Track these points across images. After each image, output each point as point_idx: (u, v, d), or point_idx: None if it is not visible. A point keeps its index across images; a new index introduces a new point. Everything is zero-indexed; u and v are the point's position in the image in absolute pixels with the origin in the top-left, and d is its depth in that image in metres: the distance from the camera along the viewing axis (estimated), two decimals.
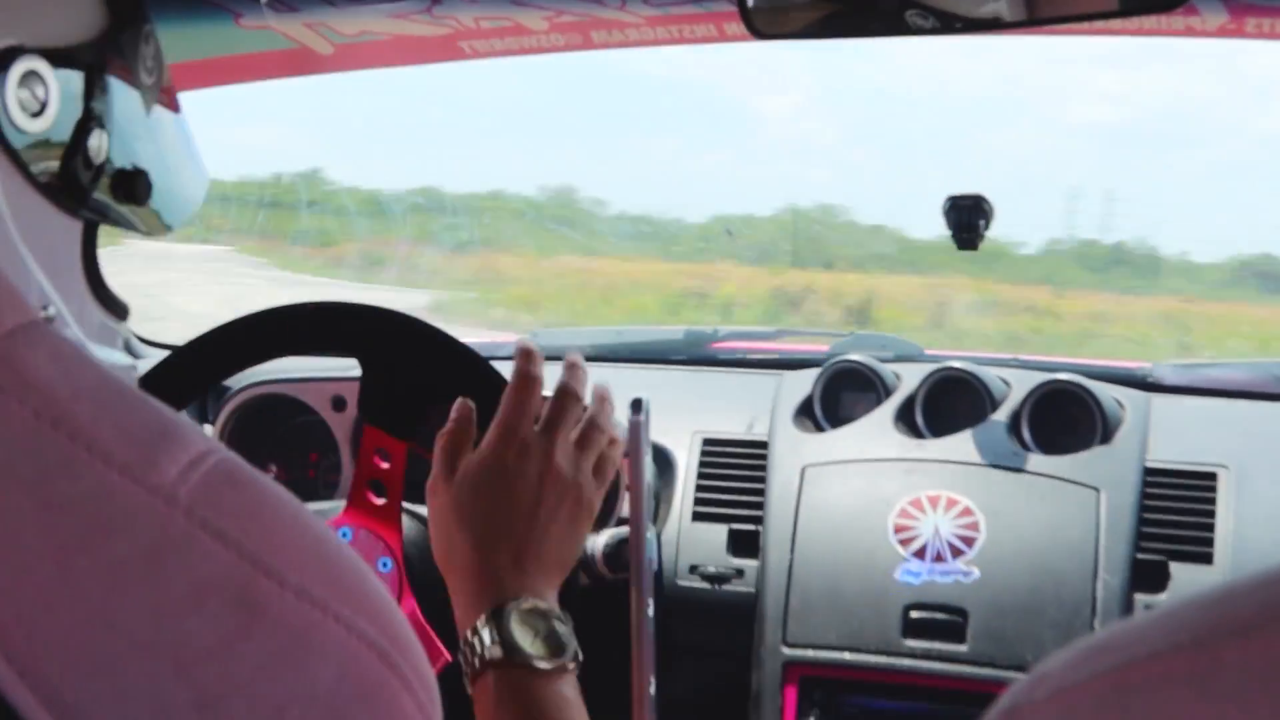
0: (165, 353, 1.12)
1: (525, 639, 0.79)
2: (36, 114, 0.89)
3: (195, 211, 1.16)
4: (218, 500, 0.37)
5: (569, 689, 0.80)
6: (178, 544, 0.36)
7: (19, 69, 0.84)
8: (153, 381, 1.06)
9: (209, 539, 0.36)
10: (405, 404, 1.02)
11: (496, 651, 0.78)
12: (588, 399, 0.94)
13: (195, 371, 1.09)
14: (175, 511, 0.36)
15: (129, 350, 1.90)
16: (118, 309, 1.19)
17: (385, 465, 1.03)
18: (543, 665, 0.79)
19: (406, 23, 1.29)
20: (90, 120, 0.96)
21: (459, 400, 0.94)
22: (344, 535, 1.06)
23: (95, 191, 1.00)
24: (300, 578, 0.37)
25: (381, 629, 0.39)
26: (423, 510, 0.98)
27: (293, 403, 1.64)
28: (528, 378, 0.91)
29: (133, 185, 0.99)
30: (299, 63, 1.41)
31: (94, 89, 0.97)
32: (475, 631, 0.80)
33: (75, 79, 0.96)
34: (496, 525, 0.84)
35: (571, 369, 0.94)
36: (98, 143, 0.97)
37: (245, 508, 0.38)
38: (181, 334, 1.62)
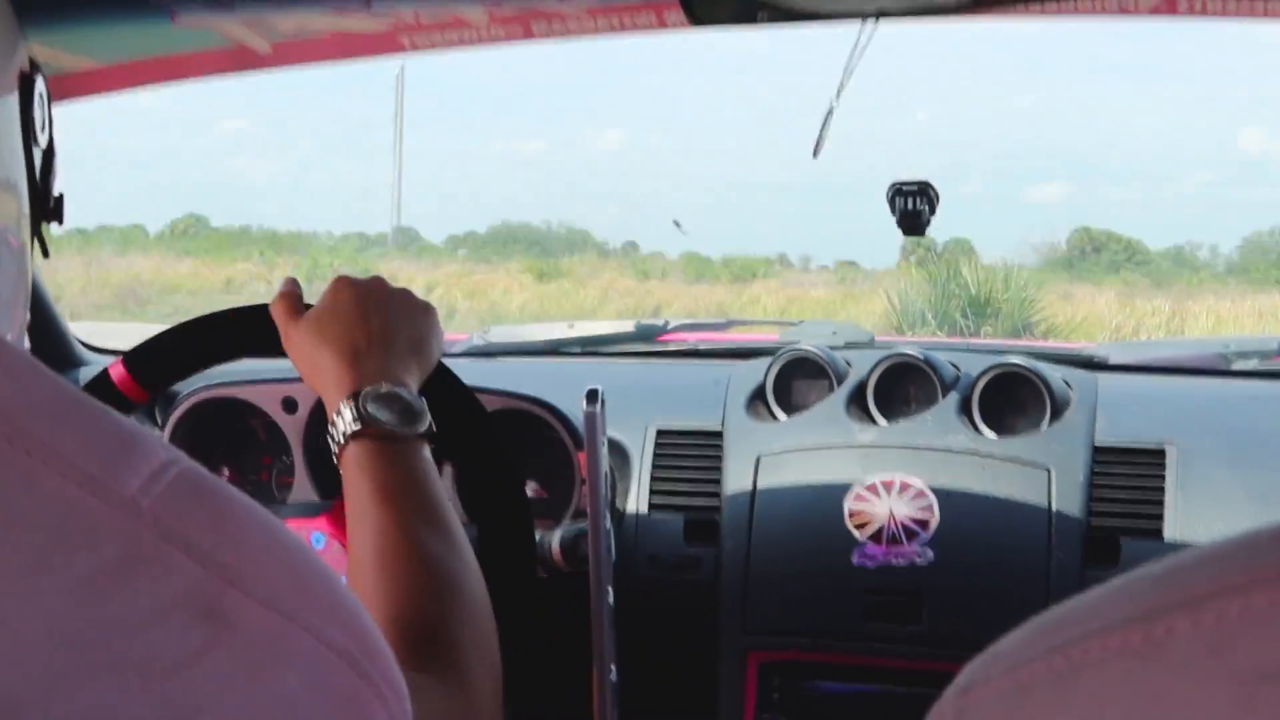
0: (110, 359, 1.10)
1: (381, 413, 0.87)
2: None
3: None
4: (182, 511, 0.36)
5: (426, 459, 0.89)
6: (143, 557, 0.35)
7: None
8: (98, 389, 1.05)
9: (174, 551, 0.35)
10: None
11: (355, 425, 0.86)
12: None
13: (143, 378, 1.07)
14: (139, 524, 0.35)
15: (74, 357, 1.87)
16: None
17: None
18: (398, 431, 0.87)
19: (345, 19, 1.28)
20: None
21: (285, 279, 1.02)
22: (316, 542, 1.05)
23: None
24: (268, 588, 0.37)
25: (352, 637, 0.38)
26: None
27: (243, 406, 1.62)
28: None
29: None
30: (237, 61, 1.39)
31: None
32: (338, 413, 0.88)
33: None
34: (349, 337, 0.93)
35: None
36: None
37: (211, 518, 0.37)
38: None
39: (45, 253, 0.82)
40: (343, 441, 0.87)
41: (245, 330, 1.06)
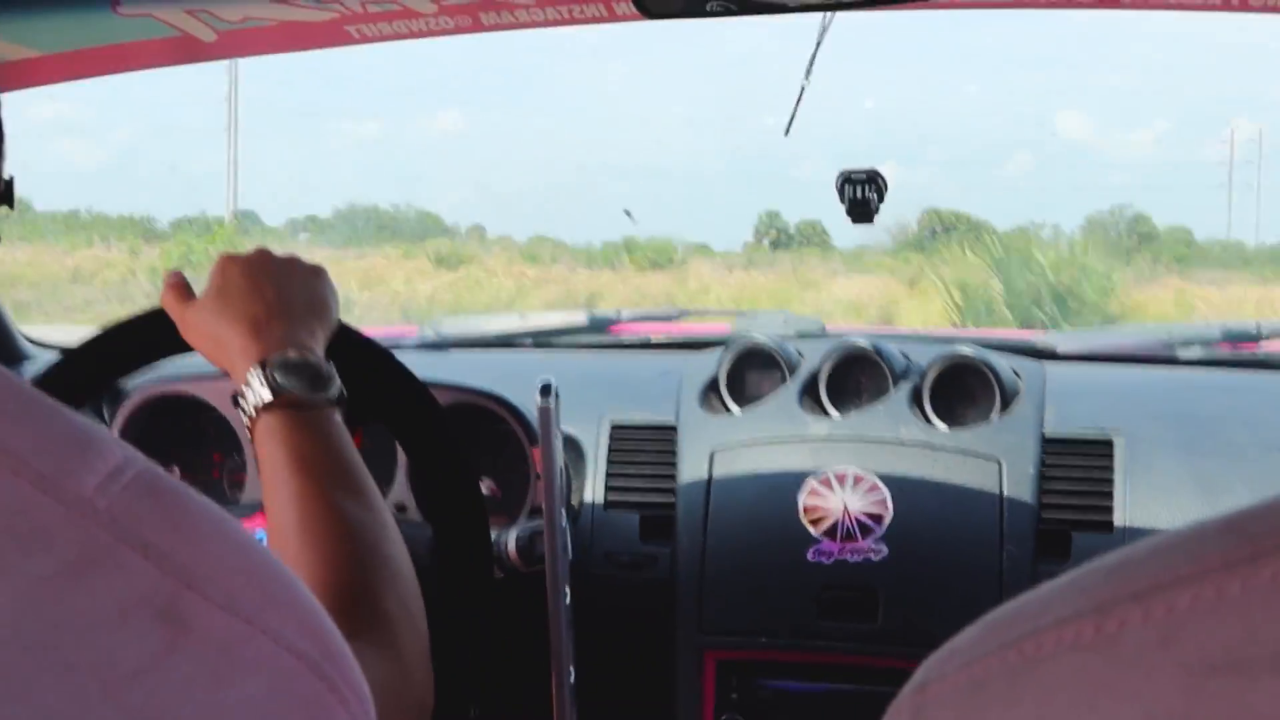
0: (54, 355, 1.08)
1: (290, 380, 0.85)
2: None
3: None
4: (140, 512, 0.36)
5: (339, 426, 0.87)
6: (99, 558, 0.34)
7: None
8: (44, 385, 1.02)
9: (131, 553, 0.35)
10: None
11: (266, 394, 0.85)
12: None
13: (88, 373, 1.05)
14: (95, 525, 0.34)
15: (18, 350, 1.83)
16: None
17: None
18: (309, 398, 0.85)
19: (291, 8, 1.26)
20: None
21: (167, 272, 1.00)
22: (260, 538, 1.04)
23: None
24: (227, 591, 0.36)
25: (313, 640, 0.38)
26: None
27: (192, 402, 1.60)
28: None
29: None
30: (181, 51, 1.37)
31: None
32: (247, 383, 0.86)
33: None
34: (247, 305, 0.91)
35: None
36: None
37: (168, 519, 0.36)
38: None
39: None
40: (254, 414, 0.86)
41: (146, 337, 1.02)
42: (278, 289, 0.93)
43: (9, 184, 0.85)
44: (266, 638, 0.36)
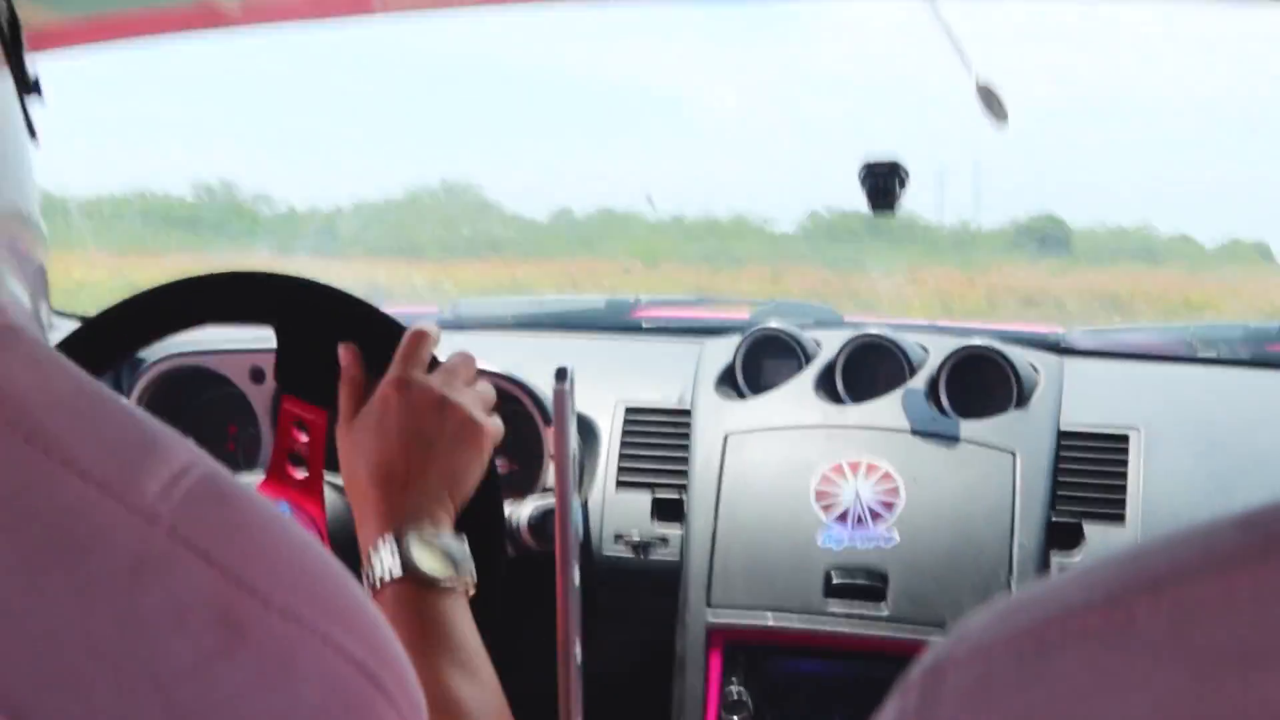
0: (75, 324, 1.08)
1: (424, 558, 0.83)
2: None
3: None
4: (201, 518, 0.36)
5: (463, 607, 0.85)
6: (158, 562, 0.34)
7: None
8: (64, 354, 1.02)
9: (191, 557, 0.35)
10: (322, 371, 1.00)
11: (397, 569, 0.83)
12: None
13: (108, 343, 1.05)
14: (156, 530, 0.35)
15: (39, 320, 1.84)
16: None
17: (304, 439, 1.01)
18: (441, 583, 0.83)
19: None
20: None
21: (342, 348, 0.97)
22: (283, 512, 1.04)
23: None
24: (285, 597, 0.36)
25: (367, 646, 0.38)
26: (337, 479, 0.96)
27: (210, 375, 1.61)
28: (420, 331, 0.96)
29: None
30: (204, 20, 1.37)
31: None
32: (376, 549, 0.84)
33: None
34: (394, 457, 0.88)
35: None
36: None
37: (229, 525, 0.37)
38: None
39: (33, 132, 0.76)
40: (378, 585, 0.84)
41: (167, 308, 1.01)
42: (445, 449, 0.89)
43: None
44: (323, 643, 0.36)
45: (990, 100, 1.26)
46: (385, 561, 0.83)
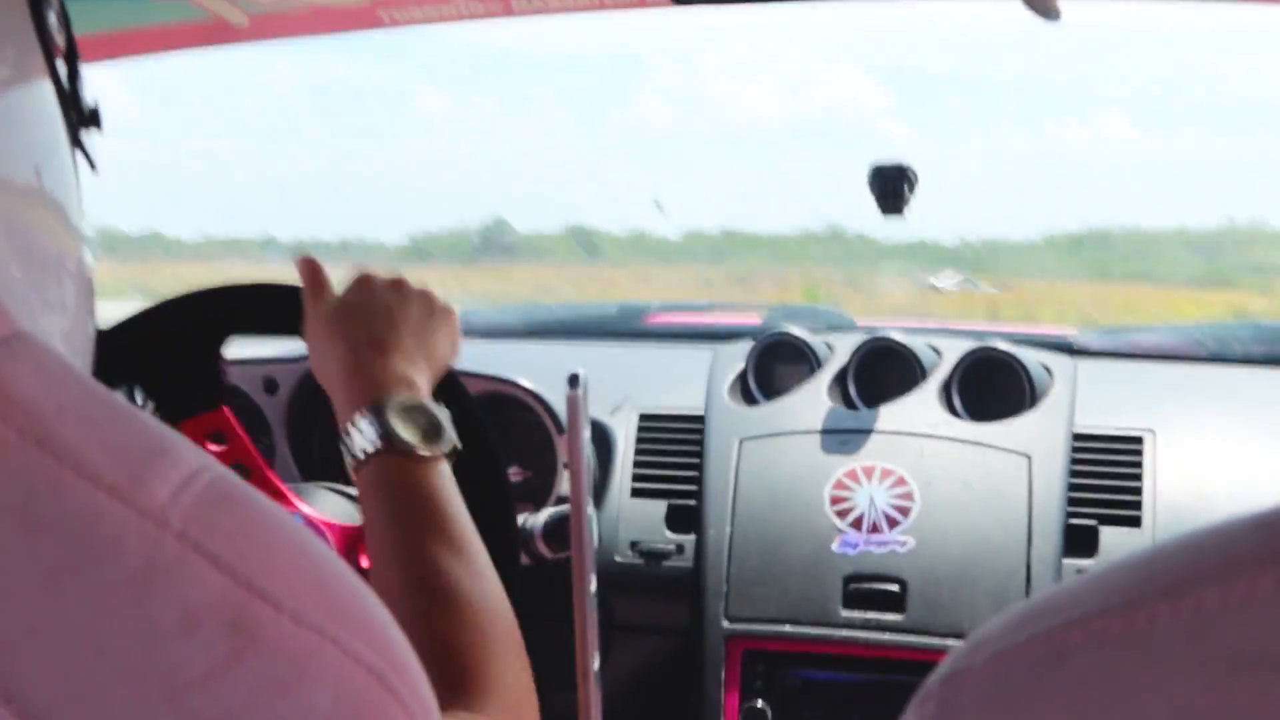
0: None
1: (404, 429, 0.82)
2: None
3: None
4: (211, 522, 0.36)
5: (449, 479, 0.83)
6: (169, 567, 0.34)
7: None
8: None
9: (202, 562, 0.35)
10: None
11: (378, 442, 0.81)
12: None
13: (120, 355, 1.05)
14: (166, 534, 0.35)
15: None
16: None
17: None
18: (423, 452, 0.82)
19: None
20: None
21: (300, 260, 0.97)
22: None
23: None
24: (297, 602, 0.36)
25: (379, 652, 0.38)
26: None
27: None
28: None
29: None
30: (213, 34, 1.37)
31: None
32: (354, 424, 0.83)
33: None
34: (369, 333, 0.89)
35: None
36: None
37: (240, 529, 0.37)
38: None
39: (92, 165, 0.76)
40: (361, 458, 0.82)
41: (181, 322, 1.02)
42: (405, 321, 0.90)
43: (94, 109, 0.81)
44: (334, 649, 0.36)
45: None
46: (365, 433, 0.82)
